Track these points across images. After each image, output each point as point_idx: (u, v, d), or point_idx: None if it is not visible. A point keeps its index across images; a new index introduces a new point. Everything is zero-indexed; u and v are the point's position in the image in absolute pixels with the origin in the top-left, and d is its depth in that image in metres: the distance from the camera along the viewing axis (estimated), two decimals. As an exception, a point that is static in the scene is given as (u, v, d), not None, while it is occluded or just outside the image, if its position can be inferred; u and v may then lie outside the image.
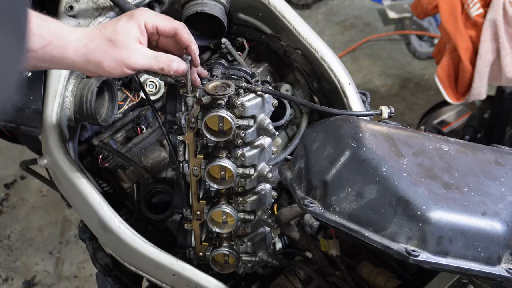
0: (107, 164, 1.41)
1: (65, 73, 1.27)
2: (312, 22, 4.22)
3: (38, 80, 1.29)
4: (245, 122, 1.10)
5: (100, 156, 1.41)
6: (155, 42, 1.13)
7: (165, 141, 1.45)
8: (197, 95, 1.13)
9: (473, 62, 2.27)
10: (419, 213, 0.88)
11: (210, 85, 1.08)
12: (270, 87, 1.14)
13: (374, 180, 0.92)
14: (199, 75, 1.15)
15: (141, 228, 1.38)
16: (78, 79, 1.29)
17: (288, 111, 1.41)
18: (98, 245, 1.37)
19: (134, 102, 1.46)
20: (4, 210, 3.06)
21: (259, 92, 1.11)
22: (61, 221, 2.96)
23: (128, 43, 1.02)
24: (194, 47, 1.11)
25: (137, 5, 1.31)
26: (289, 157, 1.34)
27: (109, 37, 1.02)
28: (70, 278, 2.71)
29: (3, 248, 2.87)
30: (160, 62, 1.05)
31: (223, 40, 1.37)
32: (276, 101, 1.16)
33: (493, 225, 0.89)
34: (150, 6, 1.34)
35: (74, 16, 1.28)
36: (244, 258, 1.26)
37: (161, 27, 1.08)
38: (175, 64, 1.07)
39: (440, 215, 0.88)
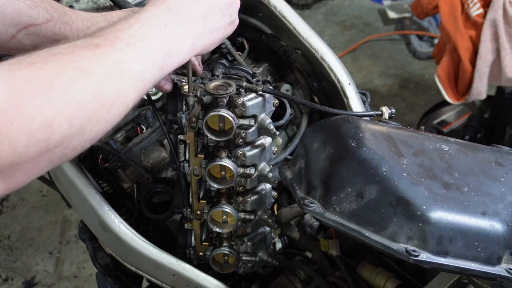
0: (107, 164, 1.41)
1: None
2: (312, 22, 4.22)
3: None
4: (246, 121, 1.10)
5: (100, 156, 1.41)
6: None
7: (165, 141, 1.45)
8: (198, 94, 1.13)
9: (473, 62, 2.27)
10: (419, 213, 0.88)
11: (211, 85, 1.08)
12: (271, 87, 1.15)
13: (374, 180, 0.92)
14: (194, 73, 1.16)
15: (141, 228, 1.38)
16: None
17: (288, 111, 1.41)
18: (98, 245, 1.37)
19: (134, 102, 1.45)
20: (4, 210, 3.06)
21: (260, 92, 1.11)
22: (61, 221, 2.96)
23: None
24: (193, 58, 1.12)
25: (137, 5, 1.31)
26: (289, 157, 1.34)
27: None
28: (70, 278, 2.71)
29: (3, 248, 2.87)
30: None
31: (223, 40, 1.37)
32: (277, 101, 1.17)
33: (493, 225, 0.89)
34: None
35: (74, 16, 1.28)
36: (244, 258, 1.26)
37: None
38: (162, 81, 1.10)
39: (440, 215, 0.88)
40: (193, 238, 1.27)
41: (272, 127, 1.12)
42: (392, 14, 4.14)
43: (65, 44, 0.70)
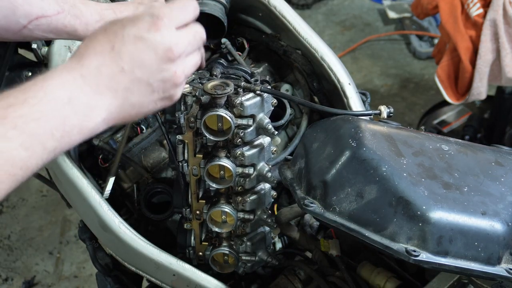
0: (107, 164, 1.41)
1: (65, 73, 1.27)
2: (312, 22, 4.22)
3: (38, 80, 1.28)
4: (244, 121, 1.10)
5: (100, 156, 1.41)
6: None
7: (165, 141, 1.45)
8: (196, 94, 1.13)
9: (473, 62, 2.27)
10: (419, 213, 0.88)
11: (209, 84, 1.08)
12: (269, 87, 1.14)
13: (374, 180, 0.92)
14: None
15: (141, 228, 1.38)
16: (78, 79, 1.29)
17: (288, 111, 1.41)
18: (98, 245, 1.37)
19: (134, 102, 1.45)
20: (4, 210, 3.06)
21: (258, 92, 1.11)
22: (61, 221, 2.96)
23: None
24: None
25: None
26: (289, 157, 1.34)
27: (124, 23, 1.02)
28: (70, 278, 2.71)
29: (3, 248, 2.87)
30: None
31: (223, 40, 1.37)
32: (275, 101, 1.16)
33: (493, 225, 0.89)
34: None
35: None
36: (243, 257, 1.26)
37: None
38: None
39: (440, 215, 0.88)
40: (192, 238, 1.27)
41: (270, 126, 1.12)
42: (392, 14, 4.14)
43: None
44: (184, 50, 0.81)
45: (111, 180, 1.15)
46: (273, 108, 1.17)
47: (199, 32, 0.86)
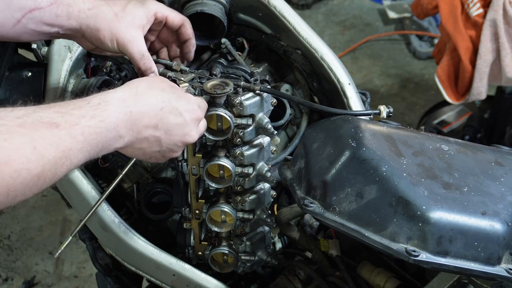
0: (107, 164, 1.41)
1: (64, 73, 1.27)
2: (312, 22, 4.22)
3: (38, 80, 1.29)
4: (243, 121, 1.10)
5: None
6: (157, 32, 1.19)
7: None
8: (196, 93, 1.13)
9: (473, 62, 2.27)
10: (419, 213, 0.88)
11: (209, 84, 1.08)
12: (269, 86, 1.14)
13: (374, 180, 0.92)
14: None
15: (141, 228, 1.38)
16: (78, 79, 1.29)
17: (288, 111, 1.41)
18: (98, 245, 1.37)
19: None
20: (4, 210, 3.06)
21: (257, 91, 1.11)
22: (61, 221, 2.96)
23: (130, 27, 1.05)
24: (194, 42, 1.21)
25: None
26: (289, 157, 1.34)
27: (115, 12, 1.05)
28: (70, 278, 2.71)
29: (3, 248, 2.87)
30: (142, 63, 1.08)
31: (223, 40, 1.37)
32: (275, 100, 1.16)
33: (493, 225, 0.89)
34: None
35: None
36: (243, 257, 1.26)
37: (171, 18, 1.14)
38: (152, 75, 1.11)
39: (440, 215, 0.88)
40: (192, 238, 1.27)
41: (270, 126, 1.12)
42: (392, 14, 4.14)
43: (31, 111, 0.76)
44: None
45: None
46: (272, 107, 1.17)
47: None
